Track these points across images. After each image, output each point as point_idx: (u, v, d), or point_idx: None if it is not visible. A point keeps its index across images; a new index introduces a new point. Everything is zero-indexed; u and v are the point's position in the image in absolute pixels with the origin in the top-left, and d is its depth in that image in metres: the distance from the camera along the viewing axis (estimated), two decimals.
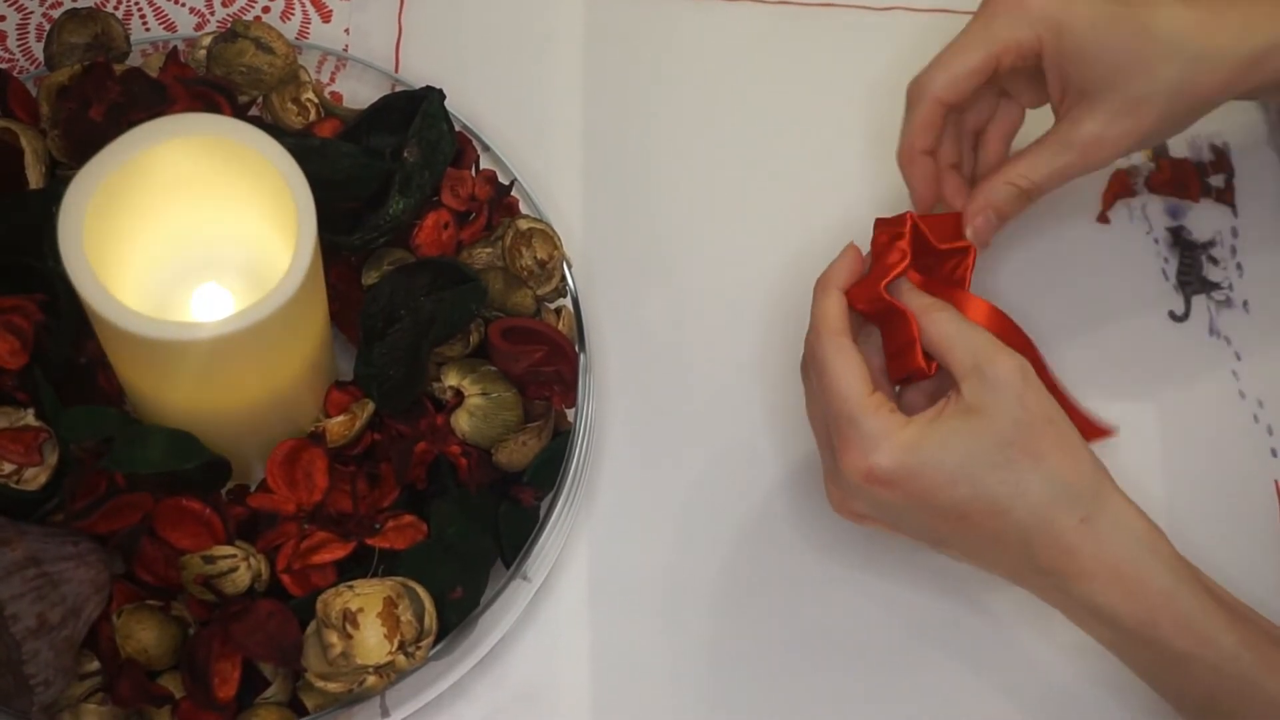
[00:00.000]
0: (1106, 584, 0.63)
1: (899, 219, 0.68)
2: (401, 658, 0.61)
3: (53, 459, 0.63)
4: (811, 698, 0.71)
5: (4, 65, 0.80)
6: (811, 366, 0.66)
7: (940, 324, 0.65)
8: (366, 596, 0.61)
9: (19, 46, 0.81)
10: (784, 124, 0.83)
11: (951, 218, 0.71)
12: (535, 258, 0.70)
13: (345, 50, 0.82)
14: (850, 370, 0.64)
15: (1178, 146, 0.84)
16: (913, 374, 0.66)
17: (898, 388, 0.68)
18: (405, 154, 0.70)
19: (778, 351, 0.77)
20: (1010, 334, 0.68)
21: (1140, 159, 0.84)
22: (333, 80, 0.80)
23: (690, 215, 0.81)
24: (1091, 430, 0.68)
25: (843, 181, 0.82)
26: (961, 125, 0.74)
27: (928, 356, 0.65)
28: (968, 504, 0.63)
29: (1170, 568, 0.63)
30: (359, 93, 0.78)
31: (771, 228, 0.81)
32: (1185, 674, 0.63)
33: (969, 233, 0.70)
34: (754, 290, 0.79)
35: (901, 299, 0.66)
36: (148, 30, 0.82)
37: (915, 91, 0.71)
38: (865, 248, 0.69)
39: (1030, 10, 0.69)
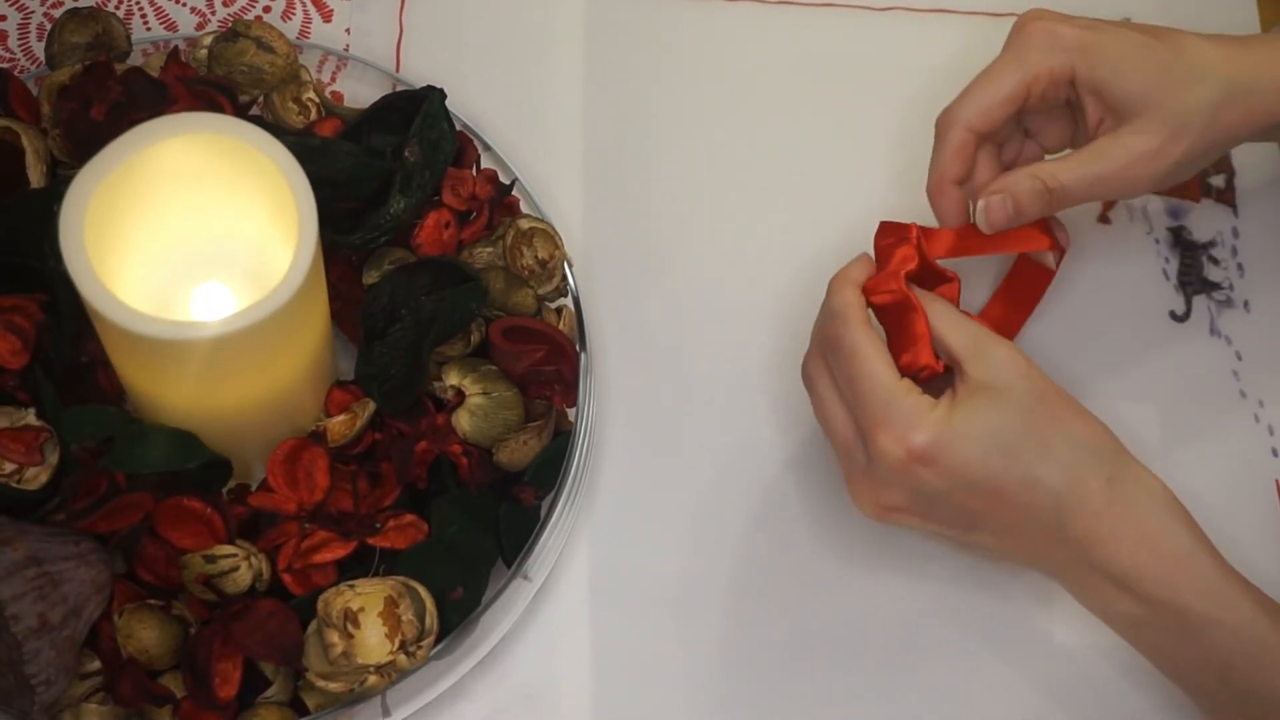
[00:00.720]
0: (1132, 546, 0.64)
1: (903, 227, 0.68)
2: (402, 657, 0.61)
3: (54, 459, 0.63)
4: (813, 697, 0.71)
5: (5, 65, 0.80)
6: (836, 356, 0.66)
7: (936, 315, 0.66)
8: (367, 596, 0.61)
9: (20, 46, 0.81)
10: (784, 124, 0.83)
11: (950, 234, 0.71)
12: (536, 257, 0.70)
13: (346, 50, 0.82)
14: (881, 354, 0.65)
15: None
16: (922, 370, 0.66)
17: None
18: (406, 153, 0.70)
19: (779, 350, 0.77)
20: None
21: None
22: (334, 80, 0.80)
23: (691, 215, 0.81)
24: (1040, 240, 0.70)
25: (842, 180, 0.82)
26: (997, 156, 0.73)
27: (936, 354, 0.66)
28: (1002, 476, 0.63)
29: (1189, 530, 0.64)
30: (360, 92, 0.78)
31: (771, 227, 0.81)
32: (1204, 641, 0.64)
33: (979, 209, 0.69)
34: (754, 289, 0.79)
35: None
36: (149, 30, 0.82)
37: (945, 121, 0.70)
38: (866, 251, 0.69)
39: (1062, 38, 0.69)
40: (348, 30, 0.83)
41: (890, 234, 0.68)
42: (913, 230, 0.68)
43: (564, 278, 0.72)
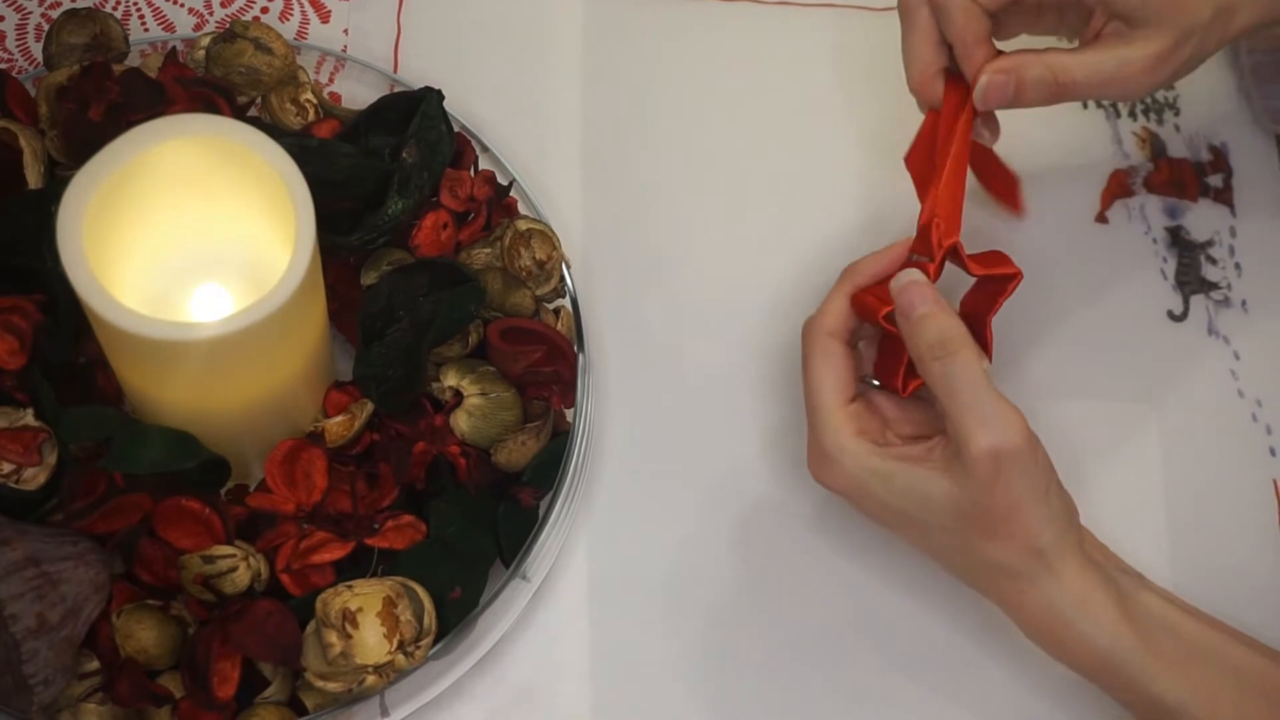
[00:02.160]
0: (1047, 643, 0.66)
1: (930, 242, 0.67)
2: (401, 657, 0.61)
3: (52, 459, 0.63)
4: (811, 697, 0.71)
5: (3, 65, 0.80)
6: (803, 352, 0.68)
7: (951, 376, 0.64)
8: (366, 596, 0.61)
9: (18, 47, 0.81)
10: (783, 124, 0.84)
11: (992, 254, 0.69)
12: (534, 258, 0.70)
13: (344, 51, 0.82)
14: (829, 377, 0.66)
15: (1176, 146, 0.84)
16: (889, 388, 0.67)
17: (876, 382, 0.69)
18: (404, 154, 0.70)
19: (777, 350, 0.77)
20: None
21: (1139, 159, 0.84)
22: (331, 81, 0.80)
23: (689, 215, 0.81)
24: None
25: (842, 180, 0.82)
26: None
27: (910, 375, 0.66)
28: (916, 538, 0.67)
29: (1108, 631, 0.63)
30: (358, 93, 0.78)
31: (770, 227, 0.81)
32: (1134, 717, 0.65)
33: (978, 86, 0.68)
34: (753, 289, 0.79)
35: (933, 313, 0.65)
36: (146, 30, 0.82)
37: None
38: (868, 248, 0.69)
39: None
40: (345, 31, 0.83)
41: (920, 248, 0.68)
42: (940, 249, 0.67)
43: (562, 278, 0.72)
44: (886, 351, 0.68)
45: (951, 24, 0.69)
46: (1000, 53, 0.69)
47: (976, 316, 0.67)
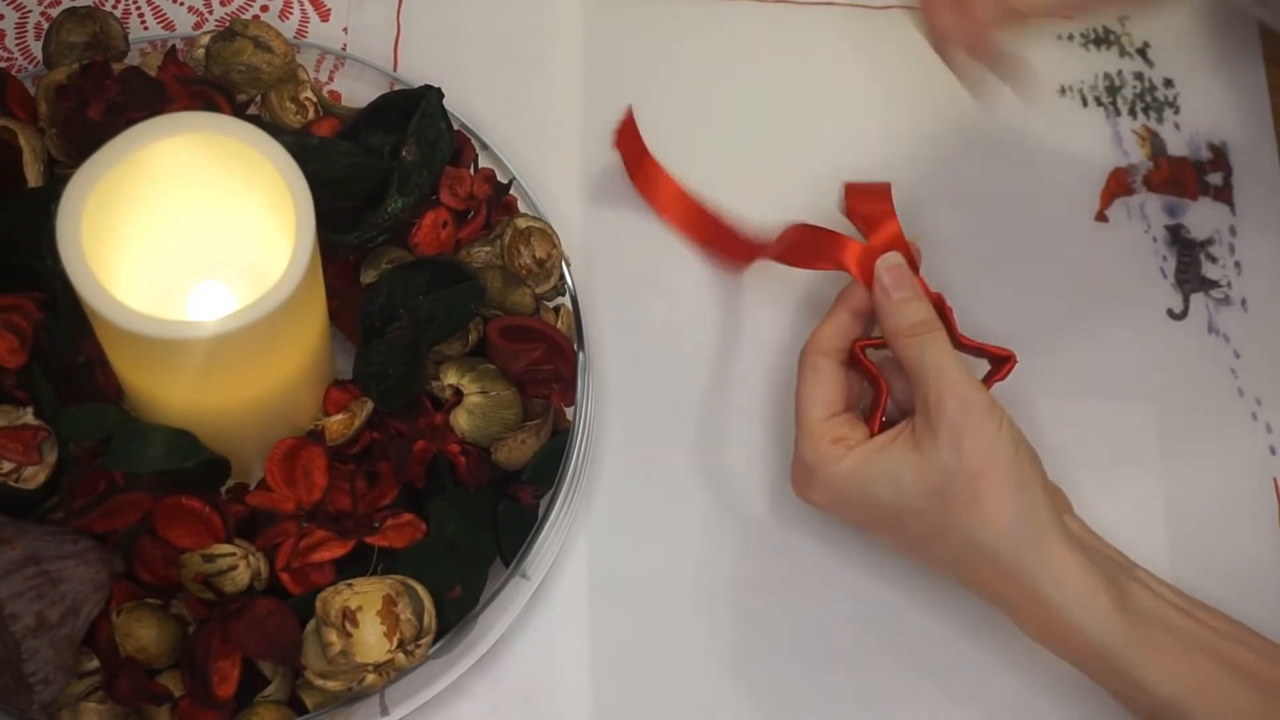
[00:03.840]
0: (1035, 629, 0.66)
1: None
2: (401, 656, 0.61)
3: (52, 458, 0.63)
4: (811, 697, 0.71)
5: (2, 64, 0.80)
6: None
7: (925, 349, 0.66)
8: (366, 595, 0.61)
9: (17, 45, 0.81)
10: (784, 123, 0.84)
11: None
12: (534, 256, 0.70)
13: (344, 49, 0.82)
14: (815, 394, 0.68)
15: (1176, 145, 0.84)
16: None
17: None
18: (404, 153, 0.70)
19: (778, 348, 0.77)
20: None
21: (1139, 157, 0.84)
22: (331, 79, 0.80)
23: None
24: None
25: (843, 179, 0.82)
26: None
27: (884, 424, 0.68)
28: (896, 535, 0.67)
29: (1099, 619, 0.63)
30: (357, 91, 0.78)
31: (770, 226, 0.81)
32: (1127, 709, 0.65)
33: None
34: (753, 288, 0.79)
35: (915, 296, 0.68)
36: (146, 29, 0.82)
37: None
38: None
39: None
40: (345, 29, 0.83)
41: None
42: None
43: (562, 277, 0.72)
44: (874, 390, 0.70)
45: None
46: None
47: None
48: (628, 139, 0.78)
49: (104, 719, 0.62)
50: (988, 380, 0.69)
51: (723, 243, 0.78)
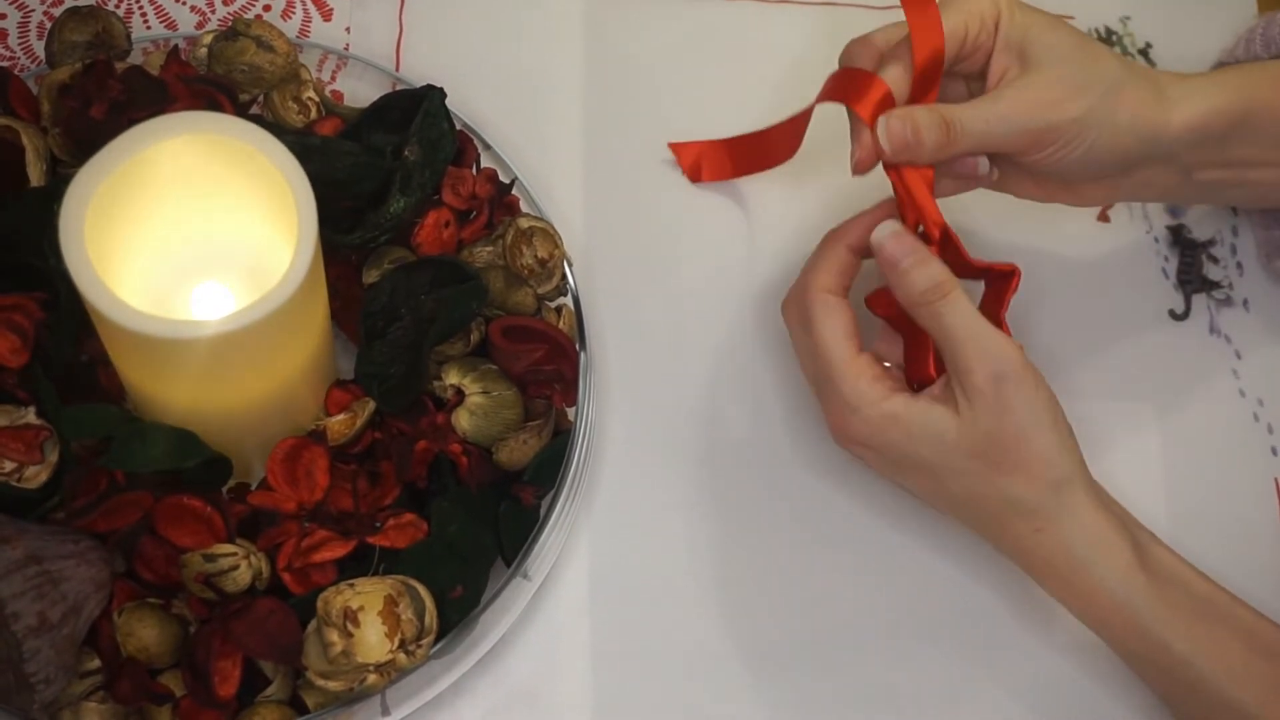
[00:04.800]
0: (1059, 586, 0.66)
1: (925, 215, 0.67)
2: (402, 656, 0.61)
3: (53, 457, 0.63)
4: (811, 696, 0.71)
5: (5, 63, 0.80)
6: (797, 321, 0.68)
7: (944, 315, 0.65)
8: (367, 595, 0.61)
9: (20, 44, 0.81)
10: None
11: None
12: (536, 256, 0.70)
13: (346, 49, 0.82)
14: (836, 330, 0.67)
15: None
16: (923, 380, 0.67)
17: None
18: (406, 152, 0.70)
19: (777, 350, 0.77)
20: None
21: None
22: (333, 79, 0.80)
23: (690, 214, 0.81)
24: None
25: (842, 179, 0.82)
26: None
27: (938, 363, 0.66)
28: (933, 488, 0.67)
29: (1122, 575, 0.65)
30: (360, 91, 0.78)
31: (770, 225, 0.81)
32: (1141, 672, 0.66)
33: (880, 127, 0.67)
34: (753, 288, 0.79)
35: (919, 260, 0.66)
36: (149, 28, 0.82)
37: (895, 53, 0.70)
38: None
39: None
40: (348, 29, 0.83)
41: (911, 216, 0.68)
42: (938, 228, 0.67)
43: (564, 277, 0.72)
44: (912, 339, 0.68)
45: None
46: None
47: (988, 317, 0.67)
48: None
49: (105, 719, 0.62)
50: (1000, 301, 0.67)
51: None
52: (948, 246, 0.67)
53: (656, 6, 0.86)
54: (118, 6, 0.82)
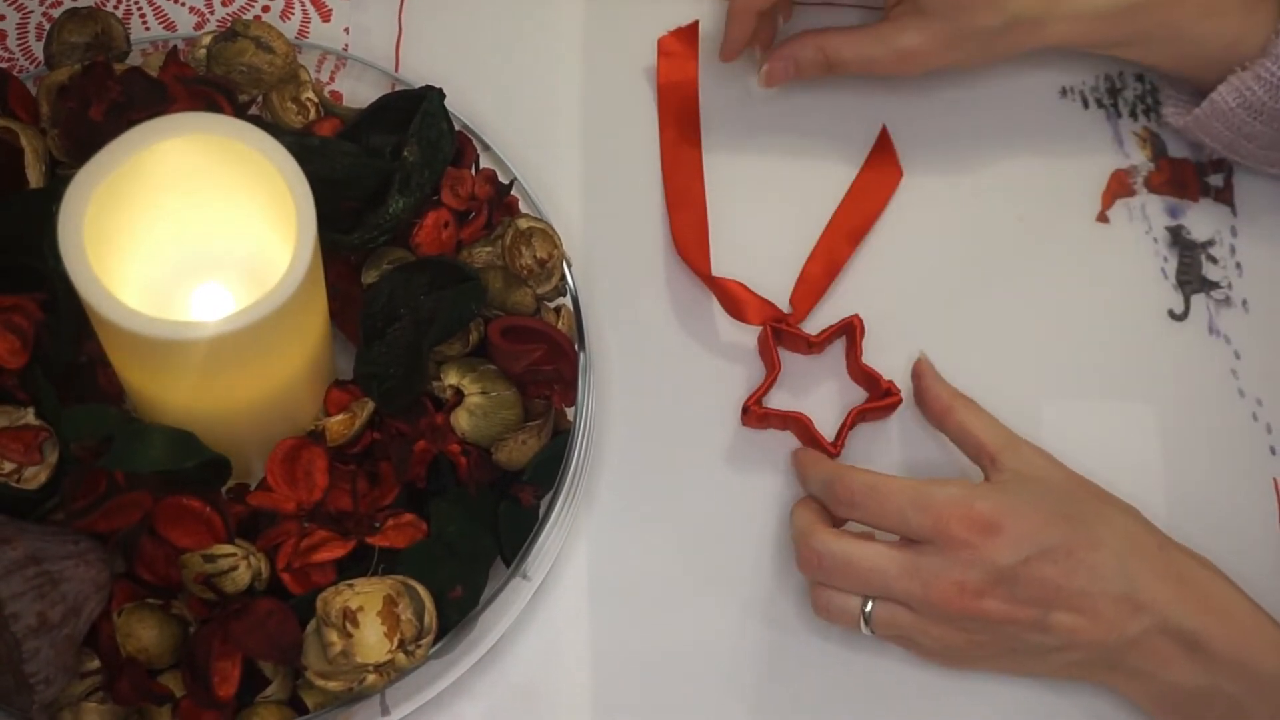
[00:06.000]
0: (1198, 607, 0.65)
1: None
2: (401, 656, 0.61)
3: (53, 458, 0.63)
4: (811, 696, 0.71)
5: (4, 64, 0.80)
6: (856, 503, 0.67)
7: (967, 413, 0.70)
8: (366, 595, 0.61)
9: (19, 46, 0.81)
10: (784, 122, 0.83)
11: None
12: (535, 257, 0.70)
13: (345, 49, 0.82)
14: (889, 478, 0.67)
15: (1177, 146, 0.84)
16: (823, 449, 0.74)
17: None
18: (405, 153, 0.70)
19: None
20: None
21: (1140, 159, 0.84)
22: (332, 79, 0.80)
23: None
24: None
25: (842, 179, 0.82)
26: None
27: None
28: (1070, 537, 0.65)
29: (1241, 591, 0.66)
30: (359, 92, 0.78)
31: (770, 225, 0.81)
32: (1276, 700, 0.64)
33: (762, 71, 0.80)
34: (753, 287, 0.79)
35: (932, 384, 0.72)
36: (147, 29, 0.82)
37: None
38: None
39: None
40: (346, 30, 0.83)
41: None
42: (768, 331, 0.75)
43: (563, 277, 0.72)
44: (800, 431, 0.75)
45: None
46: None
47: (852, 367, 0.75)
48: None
49: (105, 719, 0.62)
50: (866, 407, 0.73)
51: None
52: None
53: (656, 7, 0.86)
54: (116, 8, 0.82)
